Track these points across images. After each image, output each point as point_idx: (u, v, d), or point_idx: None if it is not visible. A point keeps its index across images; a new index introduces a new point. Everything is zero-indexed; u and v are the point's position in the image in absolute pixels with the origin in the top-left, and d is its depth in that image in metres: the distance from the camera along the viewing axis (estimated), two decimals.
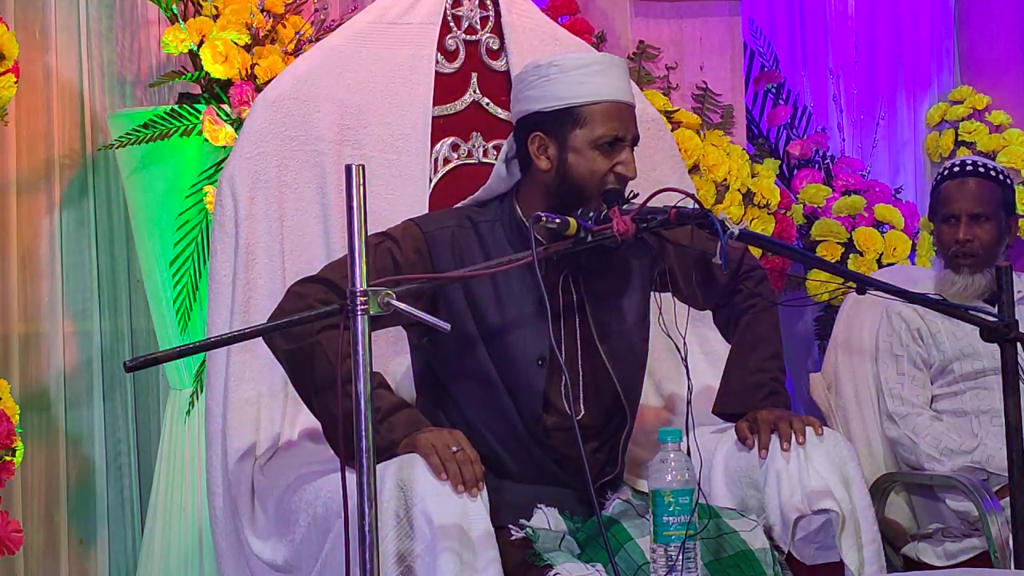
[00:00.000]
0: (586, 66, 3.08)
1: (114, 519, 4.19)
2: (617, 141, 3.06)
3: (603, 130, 3.05)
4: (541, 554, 2.90)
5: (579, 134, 3.06)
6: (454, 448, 2.83)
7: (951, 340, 3.98)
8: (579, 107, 3.06)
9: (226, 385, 3.25)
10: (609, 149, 3.06)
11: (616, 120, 3.06)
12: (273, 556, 3.13)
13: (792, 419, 3.13)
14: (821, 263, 4.04)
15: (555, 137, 3.07)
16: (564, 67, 3.08)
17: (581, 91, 3.06)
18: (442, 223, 3.15)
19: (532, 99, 3.09)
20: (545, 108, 3.08)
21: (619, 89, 3.09)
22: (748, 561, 2.95)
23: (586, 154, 3.05)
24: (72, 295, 4.13)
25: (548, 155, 3.08)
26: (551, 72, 3.08)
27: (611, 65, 3.11)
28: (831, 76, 5.35)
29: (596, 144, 3.05)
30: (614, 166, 3.05)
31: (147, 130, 3.92)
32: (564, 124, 3.06)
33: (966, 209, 3.97)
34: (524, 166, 3.13)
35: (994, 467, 3.78)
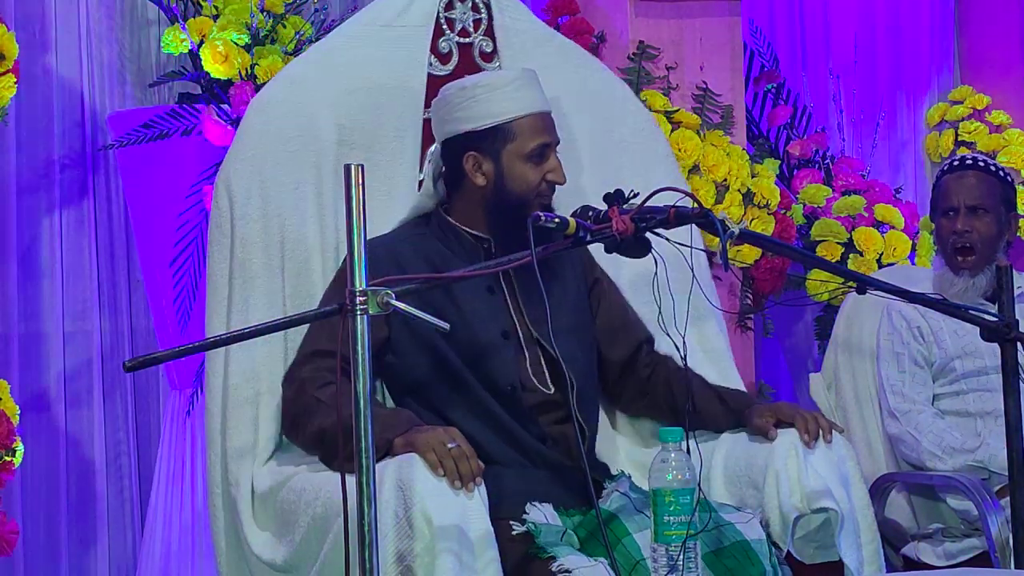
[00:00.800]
0: (510, 83, 3.22)
1: (114, 519, 4.19)
2: (545, 149, 3.19)
3: (533, 142, 3.18)
4: (545, 547, 2.91)
5: (511, 148, 3.19)
6: (450, 444, 2.85)
7: (953, 338, 3.98)
8: (508, 123, 3.19)
9: (226, 385, 3.25)
10: (539, 159, 3.19)
11: (543, 131, 3.20)
12: (273, 556, 3.13)
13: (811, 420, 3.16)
14: (821, 263, 4.05)
15: (488, 154, 3.20)
16: (491, 86, 3.21)
17: (509, 107, 3.19)
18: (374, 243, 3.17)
19: (461, 120, 3.21)
20: (476, 128, 3.20)
21: (540, 100, 3.23)
22: (745, 551, 2.96)
23: (519, 166, 3.18)
24: (72, 295, 4.13)
25: (483, 171, 3.20)
26: (478, 92, 3.21)
27: (531, 78, 3.25)
28: (831, 76, 5.35)
29: (528, 156, 3.18)
30: (545, 174, 3.18)
31: (147, 130, 3.92)
32: (496, 141, 3.19)
33: (965, 201, 3.97)
34: (455, 182, 3.25)
35: (996, 466, 3.78)
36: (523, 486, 3.07)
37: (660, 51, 4.57)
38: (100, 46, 4.18)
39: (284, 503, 3.10)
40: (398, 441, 2.90)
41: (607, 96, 3.66)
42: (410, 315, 2.60)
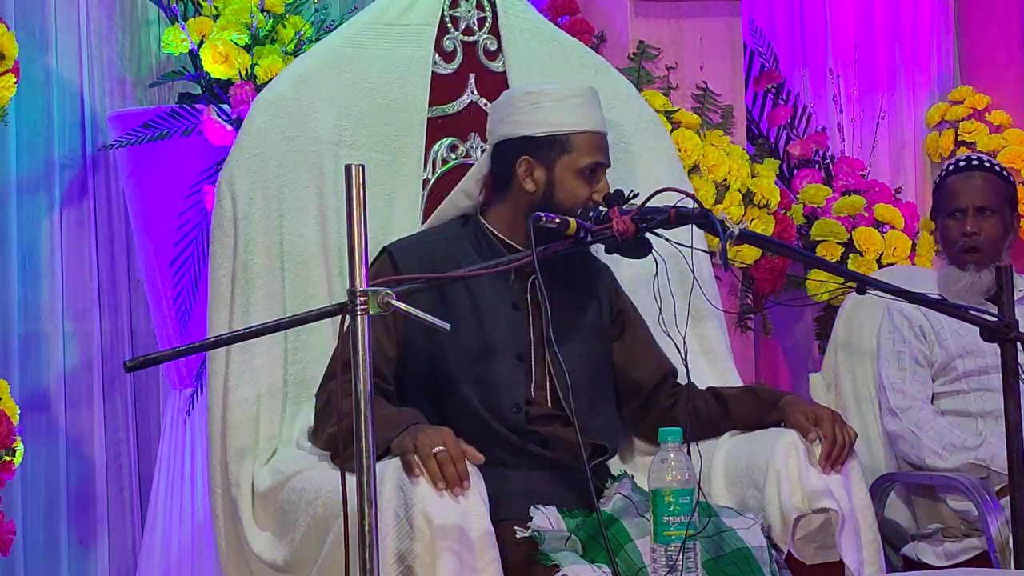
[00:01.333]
0: (575, 96, 3.24)
1: (114, 519, 4.19)
2: (598, 169, 3.20)
3: (588, 159, 3.20)
4: (548, 554, 2.91)
5: (566, 160, 3.19)
6: (436, 448, 2.83)
7: (954, 337, 3.98)
8: (567, 135, 3.19)
9: (226, 385, 3.25)
10: (590, 176, 3.19)
11: (598, 150, 3.22)
12: (273, 556, 3.13)
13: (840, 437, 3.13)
14: (821, 263, 4.05)
15: (542, 162, 3.20)
16: (555, 96, 3.22)
17: (571, 120, 3.21)
18: (407, 240, 3.28)
19: (521, 123, 3.21)
20: (535, 133, 3.20)
21: (600, 120, 3.25)
22: (745, 559, 2.95)
23: (571, 180, 3.18)
24: (72, 295, 4.13)
25: (534, 178, 3.20)
26: (543, 100, 3.22)
27: (594, 97, 3.27)
28: (831, 76, 5.35)
29: (581, 172, 3.19)
30: (592, 193, 3.18)
31: (147, 130, 3.92)
32: (552, 150, 3.19)
33: (972, 202, 3.97)
34: (502, 185, 3.24)
35: (997, 465, 3.78)
36: (526, 487, 3.07)
37: (660, 51, 4.57)
38: (100, 46, 4.18)
39: (284, 503, 3.10)
40: (394, 442, 2.90)
41: (611, 95, 3.66)
42: (411, 315, 2.61)
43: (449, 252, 3.19)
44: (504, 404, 3.14)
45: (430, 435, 2.87)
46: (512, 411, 3.14)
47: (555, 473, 3.13)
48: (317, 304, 3.22)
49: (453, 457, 2.83)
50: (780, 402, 3.23)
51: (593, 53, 3.86)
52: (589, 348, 3.27)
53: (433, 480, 2.81)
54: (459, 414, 3.13)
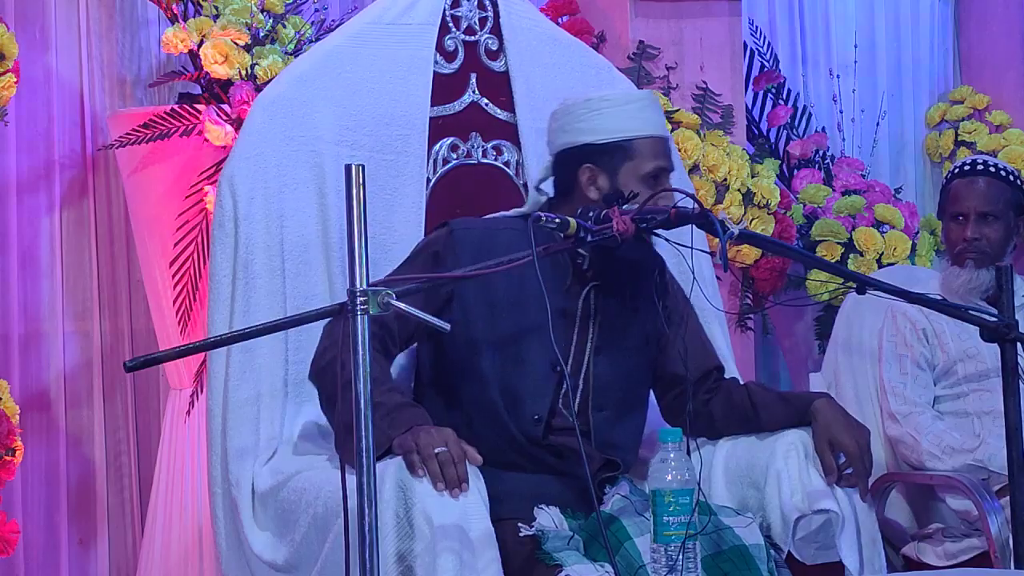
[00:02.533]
0: (636, 101, 3.20)
1: (114, 519, 4.19)
2: (661, 173, 3.16)
3: (652, 165, 3.15)
4: (551, 553, 2.91)
5: (629, 167, 3.15)
6: (437, 448, 2.82)
7: (955, 341, 3.98)
8: (629, 141, 3.15)
9: (226, 385, 3.25)
10: (654, 181, 3.15)
11: (661, 155, 3.18)
12: (273, 556, 3.13)
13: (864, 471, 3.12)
14: (821, 263, 4.04)
15: (605, 168, 3.15)
16: (615, 101, 3.19)
17: (632, 125, 3.16)
18: (473, 221, 3.24)
19: (582, 131, 3.17)
20: (596, 140, 3.16)
21: (660, 124, 3.22)
22: (743, 556, 2.95)
23: (634, 186, 3.12)
24: (72, 295, 4.13)
25: (597, 185, 3.16)
26: (602, 106, 3.17)
27: (653, 101, 3.24)
28: (831, 76, 5.35)
29: (644, 177, 3.14)
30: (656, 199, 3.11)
31: (147, 130, 3.92)
32: (615, 156, 3.15)
33: (975, 208, 3.96)
34: (564, 193, 3.20)
35: (996, 466, 3.78)
36: (528, 488, 3.07)
37: (660, 51, 4.57)
38: (100, 46, 4.18)
39: (285, 503, 3.10)
40: (396, 441, 2.90)
41: None
42: (411, 315, 2.61)
43: (510, 245, 3.08)
44: (526, 412, 3.11)
45: (432, 435, 2.86)
46: (533, 420, 3.11)
47: (558, 477, 3.12)
48: (318, 304, 3.22)
49: (454, 458, 2.83)
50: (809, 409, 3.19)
51: (594, 53, 3.87)
52: (633, 362, 3.23)
53: (433, 480, 2.80)
54: (480, 411, 3.12)
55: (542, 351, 3.10)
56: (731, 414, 3.27)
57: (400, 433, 2.89)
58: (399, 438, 2.88)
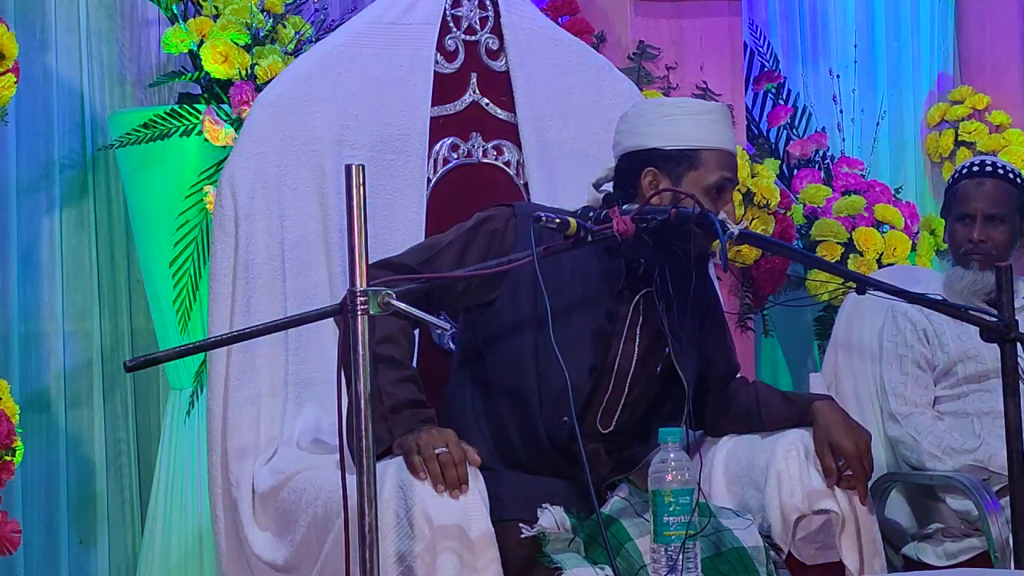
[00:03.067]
0: (708, 112, 3.18)
1: (114, 519, 4.19)
2: (725, 185, 3.14)
3: (716, 176, 3.12)
4: (551, 556, 2.91)
5: (693, 176, 3.12)
6: (438, 449, 2.82)
7: (955, 342, 3.97)
8: (697, 150, 3.13)
9: (226, 385, 3.25)
10: (717, 195, 3.12)
11: (727, 169, 3.15)
12: (273, 556, 3.13)
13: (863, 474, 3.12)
14: (821, 263, 4.05)
15: (669, 175, 3.13)
16: (688, 110, 3.17)
17: (701, 135, 3.14)
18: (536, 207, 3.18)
19: (650, 135, 3.15)
20: (664, 146, 3.13)
21: (730, 139, 3.19)
22: (742, 558, 2.95)
23: (699, 194, 3.08)
24: (72, 295, 4.13)
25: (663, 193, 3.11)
26: (674, 112, 3.16)
27: (725, 115, 3.22)
28: (831, 76, 5.35)
29: (708, 188, 3.12)
30: (718, 211, 3.09)
31: (147, 130, 3.92)
32: (680, 164, 3.12)
33: (982, 210, 3.96)
34: (625, 196, 3.16)
35: (996, 466, 3.78)
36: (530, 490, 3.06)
37: (660, 51, 4.57)
38: (100, 46, 4.18)
39: (285, 503, 3.10)
40: (396, 442, 2.89)
41: (612, 94, 3.66)
42: (411, 315, 2.61)
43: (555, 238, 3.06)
44: (555, 412, 3.09)
45: (433, 436, 2.86)
46: (562, 423, 3.08)
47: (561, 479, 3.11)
48: (318, 304, 3.22)
49: (455, 459, 2.83)
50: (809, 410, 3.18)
51: (595, 52, 3.87)
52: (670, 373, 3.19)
53: (434, 482, 2.80)
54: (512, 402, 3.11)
55: (584, 353, 3.10)
56: (735, 412, 3.27)
57: (402, 433, 2.89)
58: (400, 438, 2.88)
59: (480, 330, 3.15)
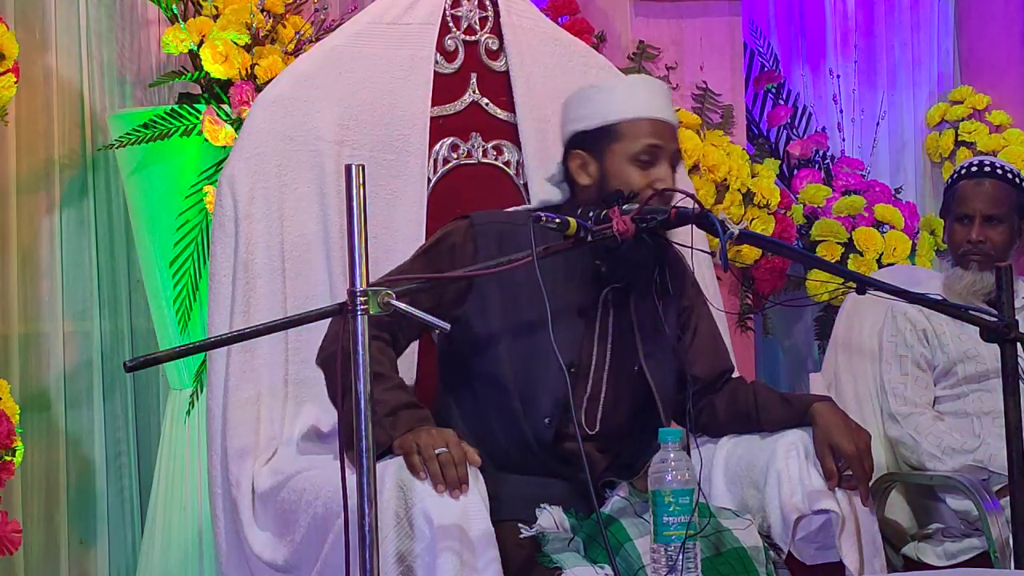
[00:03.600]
0: (627, 86, 3.17)
1: (114, 519, 4.19)
2: (654, 152, 3.08)
3: (639, 145, 3.08)
4: (550, 555, 2.90)
5: (616, 148, 3.09)
6: (438, 449, 2.82)
7: (955, 342, 3.97)
8: (617, 123, 3.10)
9: (226, 385, 3.25)
10: (646, 163, 3.08)
11: (653, 134, 3.09)
12: (273, 556, 3.13)
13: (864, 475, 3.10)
14: (821, 263, 4.05)
15: (594, 154, 3.11)
16: (603, 88, 3.16)
17: (620, 108, 3.10)
18: (494, 213, 3.20)
19: (574, 120, 3.15)
20: (586, 127, 3.12)
21: (657, 107, 3.13)
22: (741, 559, 2.95)
23: (624, 167, 3.07)
24: (72, 295, 4.13)
25: (588, 172, 3.12)
26: (591, 93, 3.15)
27: (649, 84, 3.18)
28: (831, 76, 5.36)
29: (634, 158, 3.08)
30: (652, 181, 3.06)
31: (147, 130, 3.92)
32: (602, 140, 3.10)
33: (981, 210, 3.96)
34: (570, 186, 3.17)
35: (996, 466, 3.78)
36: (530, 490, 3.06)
37: (660, 51, 4.57)
38: (100, 46, 4.18)
39: (284, 503, 3.10)
40: (396, 443, 2.89)
41: None
42: (411, 315, 2.61)
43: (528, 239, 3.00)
44: (538, 413, 3.09)
45: (433, 436, 2.85)
46: (544, 423, 3.09)
47: (560, 479, 3.11)
48: (318, 304, 3.22)
49: (455, 459, 2.82)
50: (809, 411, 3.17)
51: (595, 53, 3.87)
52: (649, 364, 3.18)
53: (434, 482, 2.80)
54: (493, 409, 3.10)
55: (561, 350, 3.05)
56: (734, 413, 3.27)
57: (401, 434, 2.89)
58: (400, 439, 2.88)
59: (455, 342, 3.13)
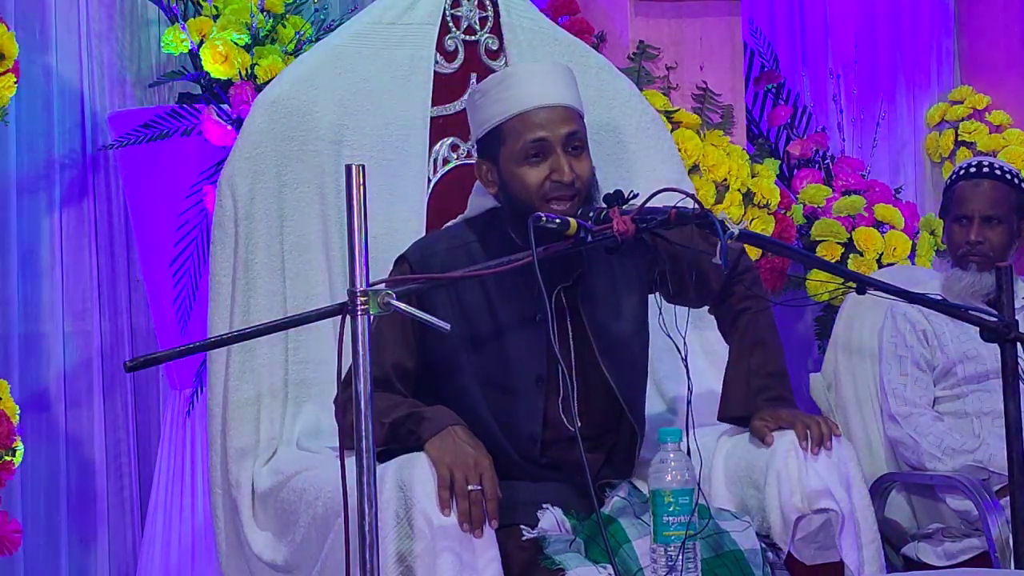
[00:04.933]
0: (500, 83, 3.06)
1: (114, 519, 4.19)
2: (541, 146, 3.01)
3: (522, 142, 3.01)
4: (552, 557, 2.90)
5: (504, 152, 3.04)
6: (472, 486, 2.79)
7: (955, 343, 3.97)
8: (500, 125, 3.03)
9: (226, 385, 3.25)
10: (538, 158, 3.01)
11: (536, 127, 3.00)
12: (273, 556, 3.13)
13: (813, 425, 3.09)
14: (821, 263, 4.04)
15: (492, 160, 3.06)
16: (482, 90, 3.08)
17: (501, 109, 3.03)
18: (431, 250, 3.10)
19: (473, 129, 3.11)
20: (479, 135, 3.09)
21: (538, 95, 3.02)
22: (738, 561, 2.95)
23: (516, 170, 3.02)
24: (72, 295, 4.13)
25: (492, 179, 3.07)
26: (475, 99, 3.09)
27: (528, 74, 3.07)
28: (831, 76, 5.36)
29: (522, 158, 3.01)
30: (549, 175, 3.00)
31: (147, 130, 3.92)
32: (492, 145, 3.05)
33: (979, 211, 3.96)
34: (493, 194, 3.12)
35: (995, 466, 3.78)
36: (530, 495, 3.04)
37: (660, 51, 4.57)
38: (100, 46, 4.18)
39: (284, 503, 3.10)
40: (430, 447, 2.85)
41: (612, 94, 3.66)
42: (411, 316, 2.60)
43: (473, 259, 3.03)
44: (520, 432, 3.07)
45: (470, 466, 2.82)
46: (527, 441, 3.07)
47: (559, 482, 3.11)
48: (318, 304, 3.22)
49: (486, 495, 2.80)
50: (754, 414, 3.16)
51: (595, 52, 3.86)
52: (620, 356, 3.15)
53: (460, 520, 2.78)
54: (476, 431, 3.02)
55: (526, 363, 3.06)
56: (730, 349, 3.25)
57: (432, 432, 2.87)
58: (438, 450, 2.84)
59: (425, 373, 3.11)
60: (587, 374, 3.12)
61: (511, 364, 3.06)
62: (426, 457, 2.84)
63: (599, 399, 3.13)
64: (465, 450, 2.85)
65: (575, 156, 3.03)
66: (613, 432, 3.17)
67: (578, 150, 3.04)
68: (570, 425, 3.03)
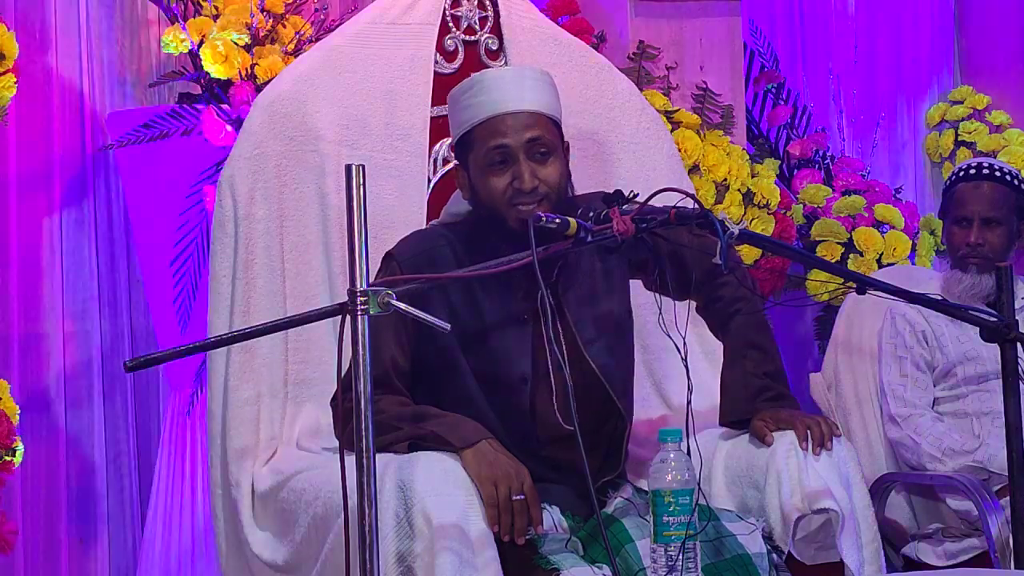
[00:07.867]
0: (468, 89, 3.06)
1: (114, 519, 4.19)
2: (503, 152, 3.00)
3: (485, 149, 3.01)
4: (547, 557, 2.90)
5: (472, 159, 3.05)
6: (516, 497, 2.83)
7: (954, 344, 3.97)
8: (468, 132, 3.04)
9: (226, 385, 3.26)
10: (503, 165, 3.01)
11: (498, 134, 3.00)
12: (273, 556, 3.13)
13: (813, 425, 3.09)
14: (821, 263, 4.05)
15: (464, 167, 3.08)
16: (454, 96, 3.09)
17: (469, 115, 3.04)
18: (418, 248, 3.11)
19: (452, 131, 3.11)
20: (452, 141, 3.11)
21: (502, 101, 3.02)
22: (745, 565, 2.95)
23: (483, 177, 3.02)
24: (72, 295, 4.13)
25: (465, 185, 3.08)
26: (450, 104, 3.10)
27: (496, 80, 3.06)
28: (831, 76, 5.36)
29: (486, 165, 3.02)
30: (511, 182, 3.00)
31: (147, 130, 3.92)
32: (463, 152, 3.07)
33: (979, 213, 3.96)
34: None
35: (995, 467, 3.78)
36: None
37: (660, 51, 4.57)
38: (100, 46, 4.18)
39: (284, 503, 3.10)
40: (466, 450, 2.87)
41: (612, 94, 3.66)
42: (411, 316, 2.60)
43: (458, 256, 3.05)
44: (516, 430, 3.07)
45: (512, 476, 2.86)
46: (521, 439, 3.07)
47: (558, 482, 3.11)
48: (318, 304, 3.22)
49: (528, 505, 2.85)
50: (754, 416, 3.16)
51: (595, 52, 3.87)
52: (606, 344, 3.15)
53: (503, 532, 2.83)
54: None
55: (514, 364, 3.07)
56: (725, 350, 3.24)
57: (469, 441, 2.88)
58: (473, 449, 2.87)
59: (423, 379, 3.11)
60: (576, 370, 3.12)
61: (499, 364, 3.07)
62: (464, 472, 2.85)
63: (589, 393, 3.13)
64: (503, 462, 2.88)
65: (539, 162, 3.02)
66: (603, 424, 3.17)
67: (544, 156, 3.03)
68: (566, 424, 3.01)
